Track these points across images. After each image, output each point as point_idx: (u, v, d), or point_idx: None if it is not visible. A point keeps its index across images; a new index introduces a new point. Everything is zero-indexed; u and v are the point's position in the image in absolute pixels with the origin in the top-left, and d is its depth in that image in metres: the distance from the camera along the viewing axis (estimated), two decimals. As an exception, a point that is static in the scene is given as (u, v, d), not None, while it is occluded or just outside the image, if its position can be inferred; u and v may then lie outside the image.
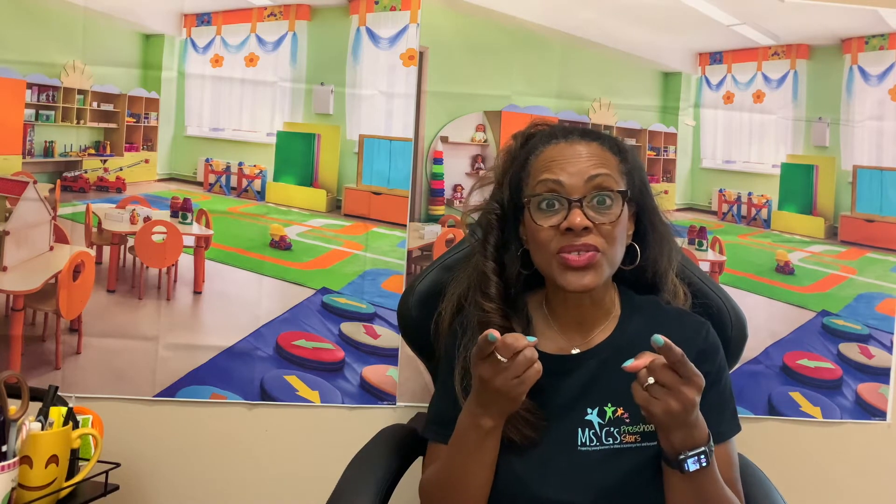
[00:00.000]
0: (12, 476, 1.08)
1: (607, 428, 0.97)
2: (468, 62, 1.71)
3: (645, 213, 1.06)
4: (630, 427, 0.97)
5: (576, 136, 1.02)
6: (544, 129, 1.08)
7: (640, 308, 1.06)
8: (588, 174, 0.96)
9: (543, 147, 1.02)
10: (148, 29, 1.65)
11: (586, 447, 0.97)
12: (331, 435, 1.66)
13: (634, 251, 1.03)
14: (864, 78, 1.80)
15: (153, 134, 1.67)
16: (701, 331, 1.04)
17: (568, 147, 1.00)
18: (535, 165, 1.01)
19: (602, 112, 1.75)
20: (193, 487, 1.66)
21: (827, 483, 1.78)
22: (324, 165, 1.71)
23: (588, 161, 0.98)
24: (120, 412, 1.60)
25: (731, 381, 1.06)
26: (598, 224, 0.95)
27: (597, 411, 0.98)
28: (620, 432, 0.97)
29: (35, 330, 1.62)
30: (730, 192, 1.80)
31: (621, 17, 1.73)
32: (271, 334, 1.67)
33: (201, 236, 1.67)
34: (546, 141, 1.03)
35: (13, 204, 1.60)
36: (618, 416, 0.98)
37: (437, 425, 1.07)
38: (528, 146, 1.05)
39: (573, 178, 0.96)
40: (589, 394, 0.99)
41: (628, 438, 0.96)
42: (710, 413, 0.92)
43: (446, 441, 1.02)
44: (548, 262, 0.98)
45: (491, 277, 1.03)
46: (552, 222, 0.96)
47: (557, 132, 1.04)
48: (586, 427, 0.97)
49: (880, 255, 1.80)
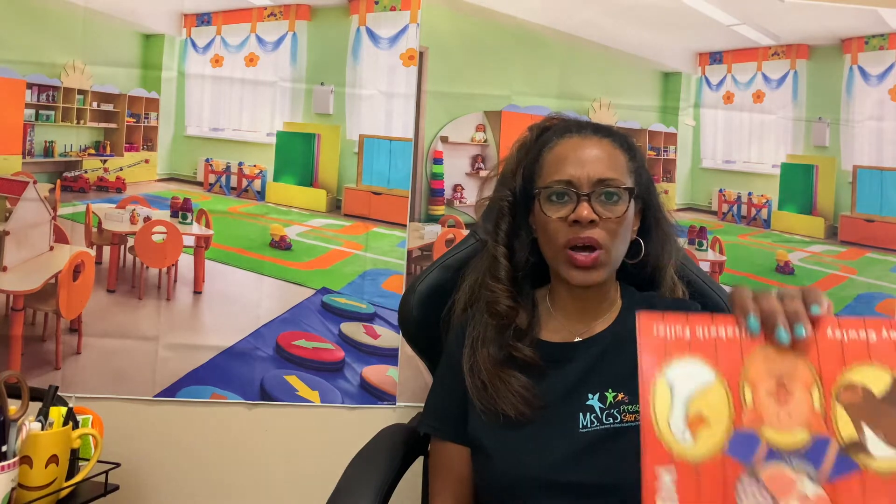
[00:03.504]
0: (12, 476, 1.08)
1: (608, 411, 0.99)
2: (468, 62, 1.71)
3: (650, 210, 1.09)
4: (629, 406, 0.98)
5: (589, 131, 1.05)
6: (559, 123, 1.10)
7: (640, 302, 1.08)
8: (598, 173, 0.99)
9: (557, 140, 1.05)
10: (148, 29, 1.65)
11: (587, 429, 0.98)
12: (331, 435, 1.66)
13: (638, 246, 1.06)
14: (864, 78, 1.80)
15: (153, 134, 1.67)
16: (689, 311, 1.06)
17: (581, 141, 1.03)
18: (548, 158, 1.04)
19: (602, 112, 1.75)
20: (193, 487, 1.66)
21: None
22: (324, 165, 1.71)
23: (599, 158, 1.01)
24: (120, 412, 1.60)
25: None
26: (605, 219, 0.98)
27: (598, 396, 0.99)
28: (620, 412, 0.98)
29: (35, 330, 1.62)
30: (730, 192, 1.80)
31: (621, 17, 1.73)
32: (271, 334, 1.67)
33: (201, 236, 1.67)
34: (560, 134, 1.06)
35: (13, 204, 1.60)
36: (618, 399, 0.99)
37: (436, 420, 1.09)
38: (543, 138, 1.08)
39: (583, 173, 0.99)
40: (590, 380, 1.00)
41: (628, 417, 0.98)
42: None
43: (446, 436, 1.06)
44: (555, 255, 1.01)
45: (501, 261, 1.06)
46: (561, 214, 0.99)
47: (572, 126, 1.07)
48: (587, 411, 0.98)
49: (880, 255, 1.80)
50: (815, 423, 0.67)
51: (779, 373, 0.70)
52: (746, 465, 0.67)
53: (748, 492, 0.67)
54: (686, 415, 0.70)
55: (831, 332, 0.71)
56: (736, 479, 0.67)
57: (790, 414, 0.68)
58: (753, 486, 0.66)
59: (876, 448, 0.67)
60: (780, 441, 0.68)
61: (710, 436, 0.69)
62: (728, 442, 0.68)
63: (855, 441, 0.67)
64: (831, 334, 0.71)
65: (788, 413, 0.68)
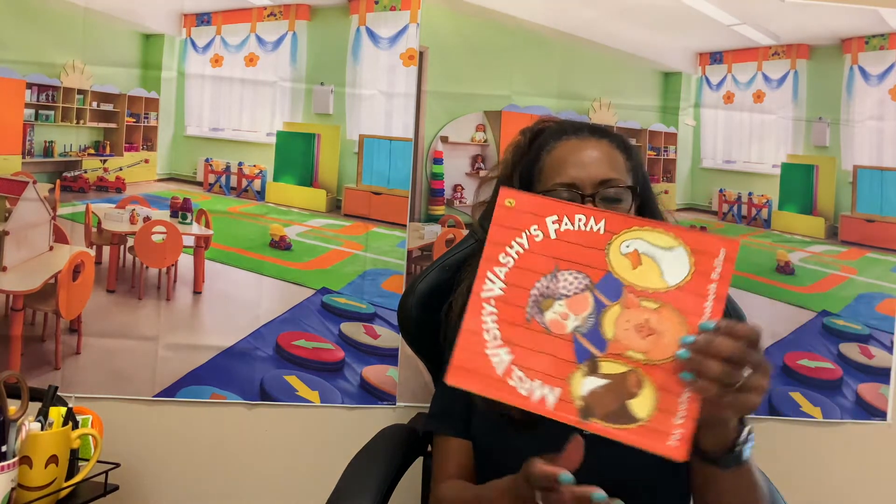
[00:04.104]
0: (12, 476, 1.08)
1: None
2: (468, 62, 1.71)
3: (647, 207, 1.10)
4: None
5: (586, 132, 1.07)
6: (552, 125, 1.11)
7: None
8: (600, 174, 1.01)
9: (555, 143, 1.06)
10: (148, 29, 1.65)
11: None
12: (331, 435, 1.66)
13: None
14: (865, 78, 1.80)
15: (153, 134, 1.67)
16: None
17: (580, 143, 1.04)
18: (547, 161, 1.05)
19: (602, 112, 1.75)
20: (193, 487, 1.66)
21: (827, 483, 1.78)
22: (324, 165, 1.71)
23: (599, 159, 1.02)
24: (120, 412, 1.59)
25: None
26: None
27: None
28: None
29: (35, 330, 1.62)
30: (730, 192, 1.79)
31: (621, 17, 1.73)
32: (271, 334, 1.67)
33: (201, 236, 1.67)
34: (557, 137, 1.07)
35: (13, 204, 1.60)
36: None
37: (442, 418, 1.10)
38: (539, 141, 1.09)
39: (585, 175, 1.00)
40: None
41: None
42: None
43: (451, 432, 1.06)
44: None
45: None
46: None
47: (567, 128, 1.08)
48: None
49: (880, 255, 1.80)
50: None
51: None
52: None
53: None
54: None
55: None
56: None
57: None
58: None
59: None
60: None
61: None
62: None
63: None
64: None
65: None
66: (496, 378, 0.79)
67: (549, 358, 0.78)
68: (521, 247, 0.82)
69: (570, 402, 0.76)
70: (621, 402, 0.76)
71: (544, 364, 0.78)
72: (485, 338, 0.80)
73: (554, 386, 0.77)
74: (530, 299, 0.80)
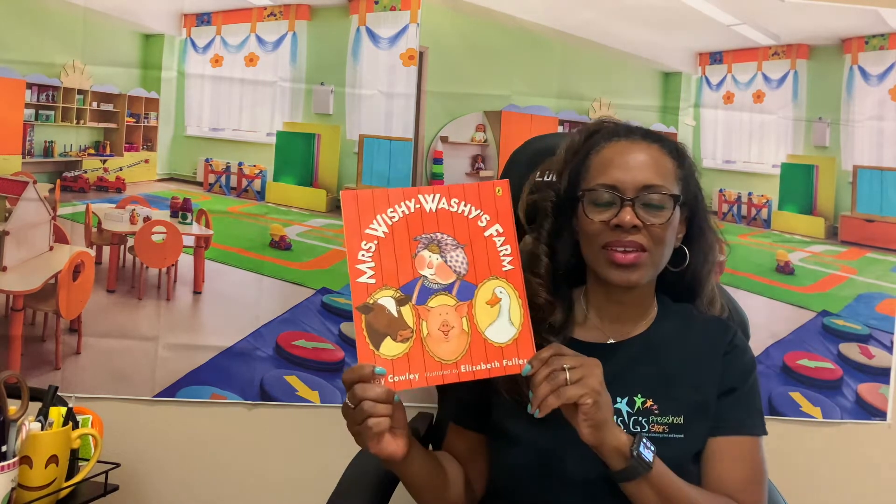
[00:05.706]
0: (12, 476, 1.07)
1: (635, 417, 0.99)
2: (468, 62, 1.71)
3: (696, 219, 1.08)
4: (659, 418, 0.99)
5: (637, 135, 1.05)
6: (608, 126, 1.10)
7: (675, 312, 1.09)
8: (644, 179, 0.99)
9: (605, 143, 1.05)
10: (148, 29, 1.65)
11: None
12: (331, 435, 1.65)
13: (683, 253, 1.06)
14: (865, 78, 1.80)
15: (153, 134, 1.67)
16: (726, 334, 1.06)
17: (629, 146, 1.03)
18: (594, 161, 1.04)
19: (602, 112, 1.74)
20: (193, 487, 1.66)
21: (827, 483, 1.78)
22: (324, 165, 1.71)
23: (646, 163, 1.00)
24: (120, 412, 1.59)
25: (759, 385, 1.07)
26: (648, 224, 0.97)
27: (626, 401, 1.00)
28: (649, 422, 0.98)
29: (35, 330, 1.62)
30: (730, 192, 1.80)
31: (621, 17, 1.73)
32: (271, 334, 1.67)
33: (201, 236, 1.67)
34: (608, 138, 1.05)
35: (13, 204, 1.60)
36: (647, 406, 0.99)
37: (458, 408, 1.11)
38: (591, 141, 1.08)
39: (629, 178, 0.99)
40: (620, 383, 0.99)
41: (656, 428, 0.98)
42: (735, 407, 1.00)
43: (458, 422, 1.09)
44: (595, 255, 1.01)
45: (542, 258, 1.06)
46: (603, 217, 0.98)
47: (620, 130, 1.06)
48: (615, 414, 0.98)
49: (880, 255, 1.80)
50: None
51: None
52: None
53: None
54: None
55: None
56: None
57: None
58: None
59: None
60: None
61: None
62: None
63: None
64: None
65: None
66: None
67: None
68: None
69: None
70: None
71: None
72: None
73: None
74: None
